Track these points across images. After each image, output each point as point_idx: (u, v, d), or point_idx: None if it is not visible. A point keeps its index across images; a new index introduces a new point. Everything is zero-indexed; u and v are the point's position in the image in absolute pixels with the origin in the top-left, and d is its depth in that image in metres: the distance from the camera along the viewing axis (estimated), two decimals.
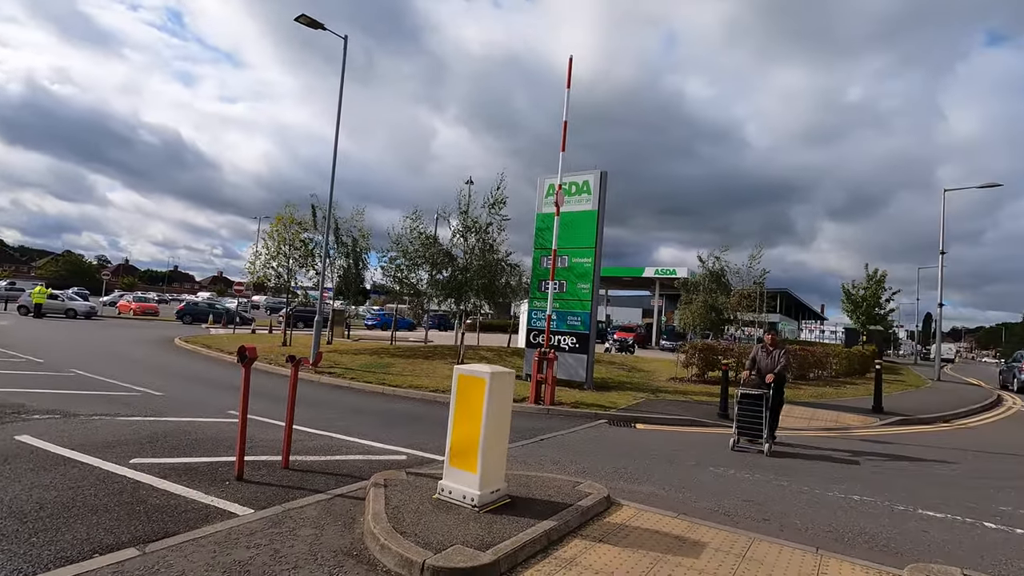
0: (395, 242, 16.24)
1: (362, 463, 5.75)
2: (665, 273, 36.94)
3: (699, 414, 10.31)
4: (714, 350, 15.63)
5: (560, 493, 4.67)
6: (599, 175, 13.40)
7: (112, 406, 7.78)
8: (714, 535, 4.19)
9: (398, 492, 4.42)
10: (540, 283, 13.89)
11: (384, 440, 6.85)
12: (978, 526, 5.00)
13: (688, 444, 8.03)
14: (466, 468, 4.21)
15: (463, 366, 4.41)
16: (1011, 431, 11.55)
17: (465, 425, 4.24)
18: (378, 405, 9.76)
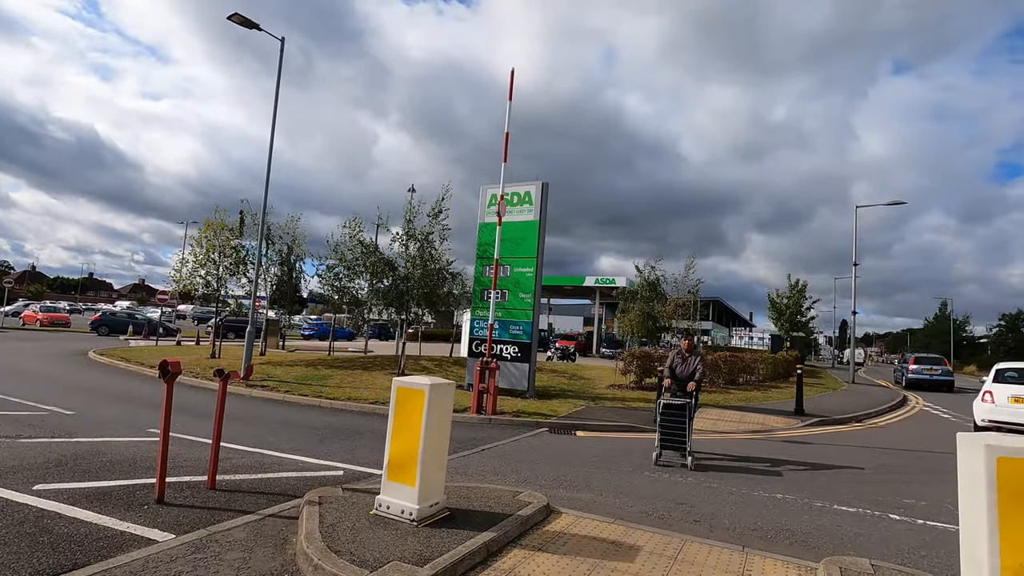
0: (333, 249, 15.82)
1: (296, 480, 5.54)
2: (605, 282, 37.86)
3: (636, 420, 10.60)
4: (651, 357, 16.15)
5: (500, 503, 4.68)
6: (541, 186, 13.62)
7: (15, 427, 7.12)
8: (648, 538, 4.32)
9: (333, 509, 4.29)
10: (482, 292, 13.92)
11: (320, 456, 6.63)
12: (885, 518, 5.41)
13: (625, 450, 8.24)
14: (404, 482, 4.14)
15: (402, 378, 4.35)
16: (913, 429, 12.57)
17: (404, 438, 4.18)
18: (314, 419, 9.44)
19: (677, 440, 7.12)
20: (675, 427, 7.13)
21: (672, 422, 7.15)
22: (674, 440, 7.13)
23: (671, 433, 7.15)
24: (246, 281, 16.76)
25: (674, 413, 7.16)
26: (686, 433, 7.09)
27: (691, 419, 7.20)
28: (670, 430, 7.16)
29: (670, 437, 7.16)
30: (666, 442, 7.17)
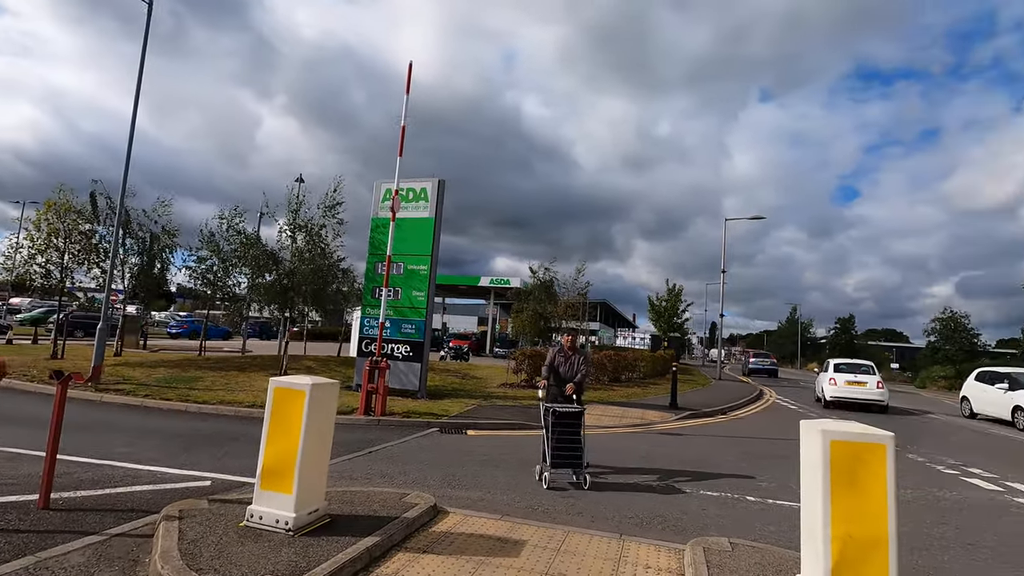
0: (206, 240, 14.47)
1: (152, 495, 4.96)
2: (500, 283, 38.39)
3: (527, 417, 10.82)
4: (542, 356, 16.56)
5: (385, 507, 4.53)
6: (437, 183, 13.47)
7: None
8: (533, 532, 4.41)
9: (196, 524, 3.89)
10: (374, 290, 13.47)
11: (184, 465, 6.00)
12: (743, 500, 5.99)
13: (515, 446, 8.37)
14: (280, 489, 3.86)
15: (279, 378, 4.06)
16: (768, 419, 14.09)
17: (280, 442, 3.90)
18: (180, 425, 8.55)
19: (572, 456, 6.04)
20: (570, 440, 6.06)
21: (567, 434, 6.05)
22: (569, 456, 6.03)
23: (565, 448, 6.02)
24: (99, 272, 14.78)
25: (568, 424, 6.09)
26: (582, 447, 6.10)
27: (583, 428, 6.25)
28: (564, 444, 6.02)
29: (564, 453, 6.01)
30: (559, 458, 6.00)
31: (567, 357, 6.83)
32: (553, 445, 6.02)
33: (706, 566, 3.64)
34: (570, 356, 6.84)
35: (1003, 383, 14.92)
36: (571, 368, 6.77)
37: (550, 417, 6.08)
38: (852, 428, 3.08)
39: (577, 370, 6.76)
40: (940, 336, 36.91)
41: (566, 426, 6.08)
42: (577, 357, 6.84)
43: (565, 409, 6.17)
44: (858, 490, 2.93)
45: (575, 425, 6.13)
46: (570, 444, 6.07)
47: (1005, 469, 8.69)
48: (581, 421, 6.19)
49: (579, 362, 6.82)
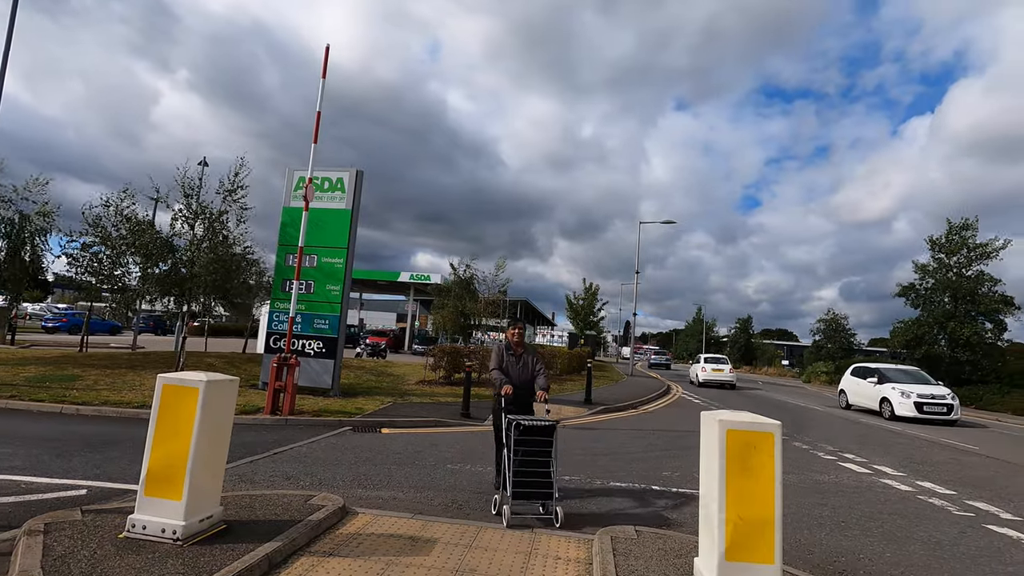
0: (91, 224, 13.07)
1: (13, 508, 4.39)
2: (420, 279, 37.80)
3: (444, 415, 10.73)
4: (460, 352, 16.50)
5: (289, 510, 4.29)
6: (355, 173, 13.02)
7: None
8: (446, 530, 4.35)
9: (66, 538, 3.48)
10: (284, 283, 12.79)
11: (56, 473, 5.38)
12: (649, 490, 6.27)
13: (431, 444, 8.26)
14: (168, 496, 3.54)
15: (168, 374, 3.73)
16: (674, 413, 14.89)
17: (169, 445, 3.58)
18: (53, 429, 7.65)
19: (541, 485, 4.69)
20: (539, 464, 4.70)
21: (534, 455, 4.70)
22: (536, 485, 4.68)
23: (531, 474, 4.66)
24: None
25: (537, 443, 4.73)
26: (552, 473, 4.73)
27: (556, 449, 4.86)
28: (531, 469, 4.67)
29: (530, 480, 4.66)
30: (524, 487, 4.64)
31: (518, 356, 5.66)
32: (515, 470, 4.61)
33: (612, 554, 3.76)
34: (521, 355, 5.67)
35: (873, 377, 16.76)
36: (525, 369, 5.59)
37: (512, 432, 4.69)
38: (745, 418, 3.29)
39: (534, 371, 5.61)
40: (823, 335, 40.93)
41: (533, 445, 4.72)
42: (530, 356, 5.72)
43: (533, 423, 4.79)
44: (749, 475, 3.14)
45: (546, 444, 4.75)
46: (538, 469, 4.69)
47: (873, 454, 9.73)
48: (553, 439, 4.80)
49: (534, 361, 5.68)
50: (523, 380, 5.54)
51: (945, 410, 14.88)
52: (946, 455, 10.24)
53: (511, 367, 5.60)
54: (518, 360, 5.65)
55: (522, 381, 5.51)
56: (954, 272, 26.88)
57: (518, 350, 5.72)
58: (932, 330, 26.85)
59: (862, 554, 4.67)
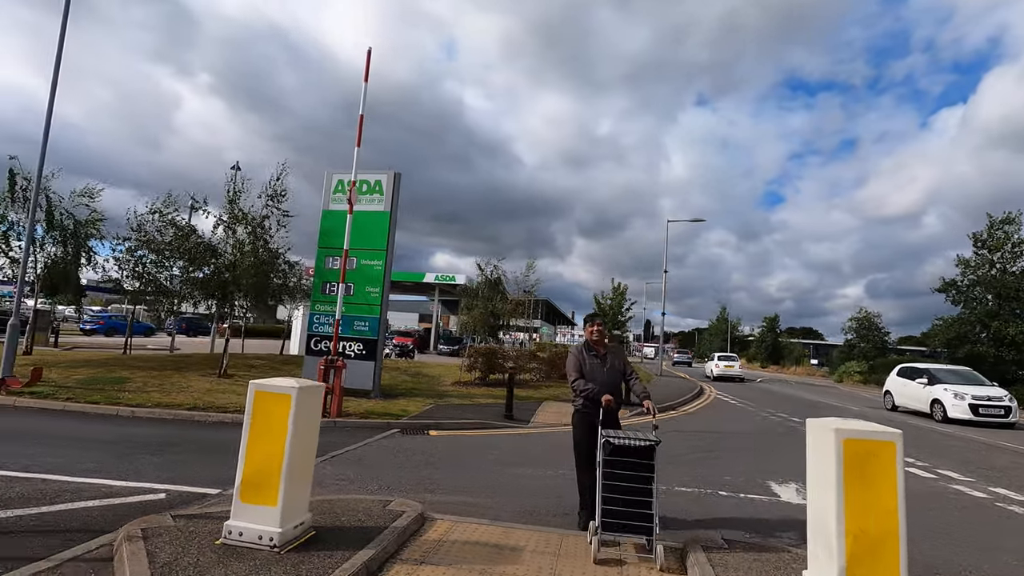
0: (135, 229, 13.32)
1: (100, 511, 4.45)
2: (445, 279, 37.94)
3: (488, 416, 10.69)
4: (495, 353, 16.49)
5: (371, 516, 4.27)
6: (393, 176, 13.08)
7: None
8: (528, 537, 4.29)
9: (166, 544, 3.50)
10: (324, 285, 12.90)
11: (128, 476, 5.44)
12: (715, 495, 6.14)
13: (483, 447, 8.22)
14: (263, 502, 3.54)
15: (260, 380, 3.72)
16: (715, 414, 14.65)
17: (263, 451, 3.58)
18: (112, 431, 7.79)
19: (638, 516, 3.88)
20: (636, 491, 3.92)
21: (631, 481, 3.94)
22: (633, 516, 3.88)
23: (627, 502, 3.90)
24: (7, 262, 13.27)
25: (633, 466, 3.97)
26: (653, 504, 3.91)
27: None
28: (626, 497, 3.91)
29: (625, 510, 3.89)
30: (617, 518, 3.87)
31: (600, 357, 4.74)
32: (605, 496, 3.90)
33: (710, 565, 3.65)
34: (604, 355, 4.76)
35: (922, 378, 16.24)
36: (612, 373, 4.69)
37: (603, 451, 3.99)
38: (862, 426, 3.16)
39: (623, 375, 4.78)
40: (855, 334, 40.03)
41: (628, 468, 3.96)
42: (616, 357, 4.80)
43: (628, 441, 3.98)
44: (869, 486, 3.01)
45: (644, 468, 3.97)
46: (634, 497, 3.91)
47: (933, 458, 9.43)
48: (654, 463, 3.99)
49: (621, 363, 4.80)
50: (611, 386, 4.61)
51: (1003, 412, 14.31)
52: (1007, 459, 9.89)
53: (595, 372, 4.67)
54: (602, 363, 4.71)
55: (611, 388, 4.59)
56: (997, 269, 26.05)
57: (600, 350, 4.77)
58: (975, 328, 26.05)
59: (959, 565, 4.49)
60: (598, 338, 4.84)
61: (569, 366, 4.82)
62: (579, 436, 4.68)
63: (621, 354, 4.95)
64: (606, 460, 3.99)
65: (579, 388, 4.64)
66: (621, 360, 4.85)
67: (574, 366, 4.75)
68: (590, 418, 4.51)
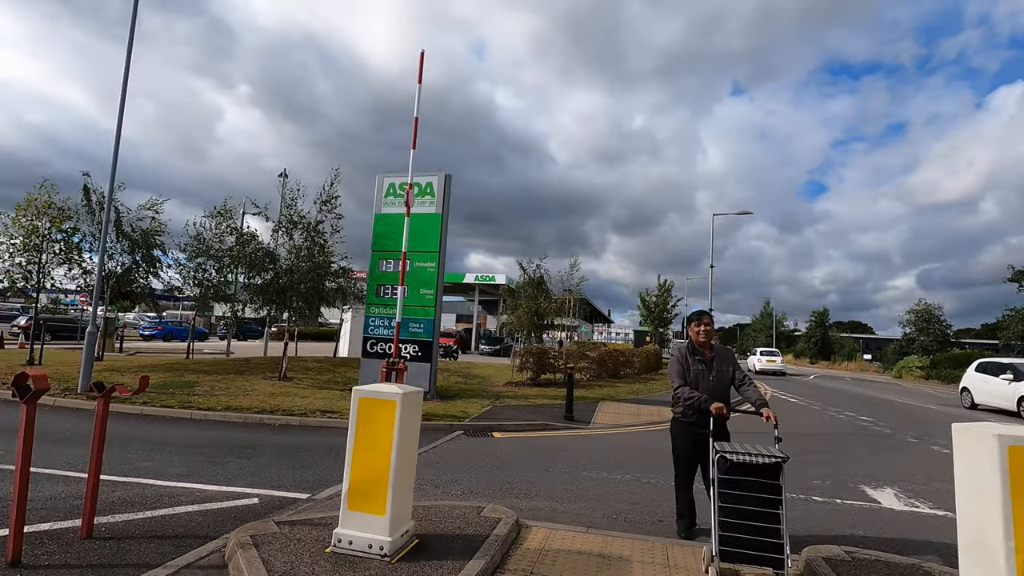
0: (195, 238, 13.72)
1: (200, 515, 4.50)
2: (485, 280, 38.02)
3: (547, 417, 10.56)
4: (547, 353, 16.34)
5: (467, 523, 4.19)
6: (443, 178, 13.09)
7: None
8: (631, 546, 4.13)
9: (276, 551, 3.48)
10: (379, 288, 13.01)
11: (219, 481, 5.52)
12: (812, 501, 5.83)
13: (549, 449, 8.08)
14: (371, 510, 3.48)
15: (364, 387, 3.67)
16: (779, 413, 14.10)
17: (369, 458, 3.52)
18: (190, 435, 7.98)
19: (763, 545, 3.28)
20: (760, 515, 3.34)
21: (752, 503, 3.37)
22: (755, 545, 3.30)
23: (750, 528, 3.32)
24: (79, 271, 13.87)
25: (754, 486, 3.39)
26: (782, 530, 3.28)
27: None
28: (749, 522, 3.33)
29: (748, 537, 3.31)
30: (739, 546, 3.32)
31: (707, 362, 4.26)
32: (721, 520, 3.36)
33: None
34: (712, 359, 4.28)
35: (1007, 374, 15.20)
36: (721, 379, 4.23)
37: (718, 468, 3.46)
38: None
39: (734, 381, 4.30)
40: (914, 327, 38.12)
41: (750, 488, 3.37)
42: (725, 361, 4.31)
43: (749, 458, 3.40)
44: None
45: (770, 489, 3.38)
46: (760, 523, 3.31)
47: None
48: (781, 483, 3.40)
49: (731, 368, 4.30)
50: (721, 395, 4.14)
51: None
52: None
53: (700, 378, 4.20)
54: (709, 368, 4.22)
55: (719, 396, 4.10)
56: None
57: (707, 353, 4.28)
58: None
59: None
60: (705, 339, 4.33)
61: (671, 371, 4.43)
62: (680, 449, 4.37)
63: (731, 358, 4.42)
64: (723, 479, 3.44)
65: (683, 396, 4.23)
66: (730, 365, 4.34)
67: (677, 371, 4.34)
68: (695, 430, 4.13)
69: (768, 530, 3.30)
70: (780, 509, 3.34)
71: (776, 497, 3.37)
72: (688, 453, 4.25)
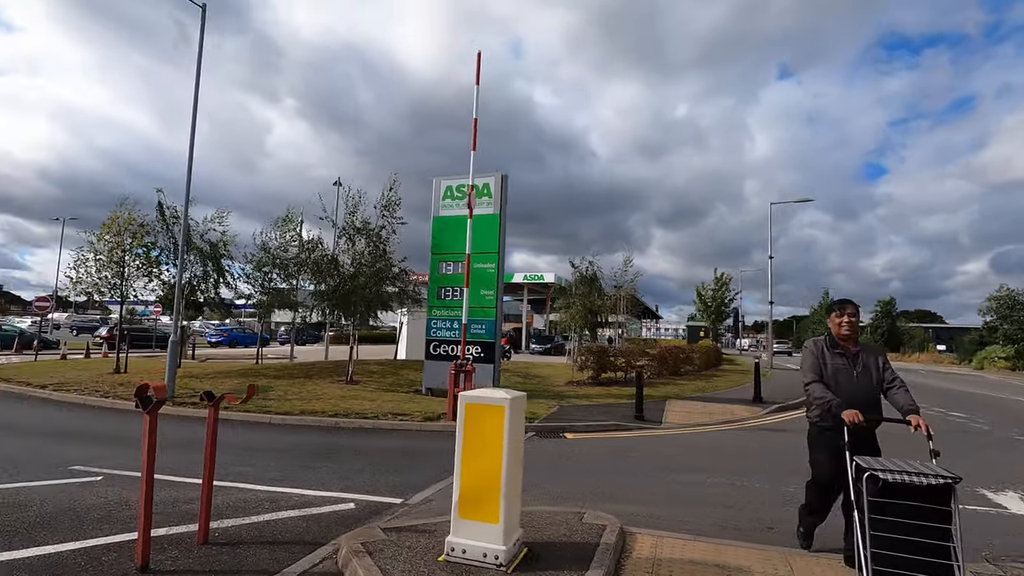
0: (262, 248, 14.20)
1: (302, 521, 4.56)
2: (534, 279, 37.91)
3: (616, 417, 10.34)
4: (606, 352, 16.08)
5: (571, 530, 4.07)
6: (500, 178, 13.04)
7: None
8: (746, 555, 3.91)
9: (390, 559, 3.46)
10: (440, 290, 13.10)
11: (313, 485, 5.62)
12: None
13: (628, 450, 7.88)
14: (483, 519, 3.41)
15: (470, 393, 3.61)
16: None
17: (478, 465, 3.45)
18: (272, 439, 8.21)
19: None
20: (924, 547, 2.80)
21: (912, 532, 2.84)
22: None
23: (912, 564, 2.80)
24: (158, 283, 14.62)
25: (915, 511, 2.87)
26: (957, 567, 2.77)
27: None
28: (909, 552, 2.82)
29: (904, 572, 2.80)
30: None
31: (850, 357, 3.60)
32: (875, 553, 2.87)
33: None
34: (856, 354, 3.61)
35: None
36: (866, 378, 3.54)
37: (867, 489, 2.96)
38: None
39: (881, 381, 3.58)
40: (996, 315, 35.48)
41: (909, 514, 2.86)
42: (873, 357, 3.61)
43: (908, 478, 2.89)
44: None
45: (937, 515, 2.85)
46: (925, 557, 2.79)
47: None
48: (953, 507, 2.86)
49: (881, 365, 3.60)
50: (865, 398, 3.44)
51: None
52: None
53: (840, 376, 3.55)
54: (852, 364, 3.55)
55: (863, 399, 3.41)
56: None
57: (850, 348, 3.62)
58: None
59: None
60: (849, 332, 3.61)
61: (804, 365, 3.74)
62: (818, 463, 3.71)
63: (879, 355, 3.67)
64: (874, 503, 2.91)
65: (814, 396, 3.59)
66: (879, 363, 3.59)
67: (811, 366, 3.66)
68: (833, 438, 3.43)
69: (936, 565, 2.77)
70: (952, 542, 2.78)
71: (944, 526, 2.81)
72: (828, 468, 3.52)
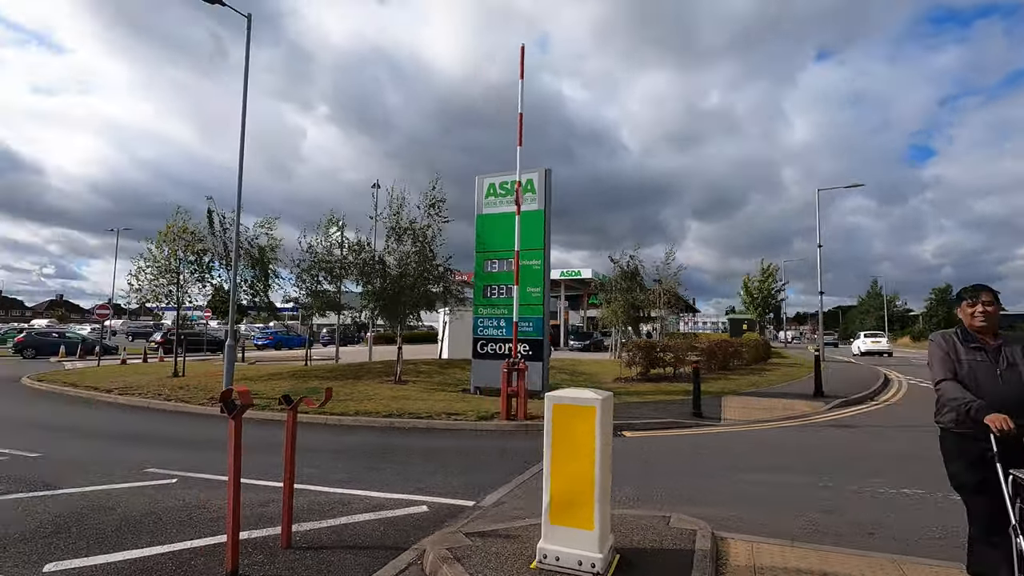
0: (307, 251, 14.40)
1: (378, 524, 4.51)
2: (571, 275, 37.56)
3: (673, 414, 10.06)
4: (654, 347, 15.73)
5: (660, 535, 3.88)
6: (544, 173, 12.82)
7: None
8: (853, 563, 3.65)
9: (480, 566, 3.35)
10: (486, 289, 13.02)
11: (379, 487, 5.58)
12: None
13: (693, 448, 7.62)
14: (577, 525, 3.27)
15: (557, 393, 3.47)
16: (925, 404, 12.72)
17: (570, 469, 3.31)
18: (332, 440, 8.27)
19: None
20: None
21: None
22: None
23: None
24: (212, 289, 15.03)
25: None
26: None
27: None
28: None
29: None
30: None
31: (990, 352, 2.95)
32: None
33: None
34: (998, 348, 2.95)
35: None
36: (1013, 377, 2.85)
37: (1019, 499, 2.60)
38: None
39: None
40: None
41: None
42: (1021, 351, 2.92)
43: None
44: None
45: None
46: None
47: None
48: None
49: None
50: (1016, 399, 2.77)
51: None
52: None
53: (979, 374, 2.90)
54: (994, 360, 2.91)
55: (1014, 401, 2.76)
56: None
57: (988, 341, 2.98)
58: None
59: None
60: (984, 324, 2.98)
61: (933, 360, 3.08)
62: (960, 475, 2.93)
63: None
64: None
65: (948, 396, 2.91)
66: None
67: (941, 363, 3.01)
68: (975, 446, 2.79)
69: None
70: None
71: None
72: (976, 480, 2.82)
